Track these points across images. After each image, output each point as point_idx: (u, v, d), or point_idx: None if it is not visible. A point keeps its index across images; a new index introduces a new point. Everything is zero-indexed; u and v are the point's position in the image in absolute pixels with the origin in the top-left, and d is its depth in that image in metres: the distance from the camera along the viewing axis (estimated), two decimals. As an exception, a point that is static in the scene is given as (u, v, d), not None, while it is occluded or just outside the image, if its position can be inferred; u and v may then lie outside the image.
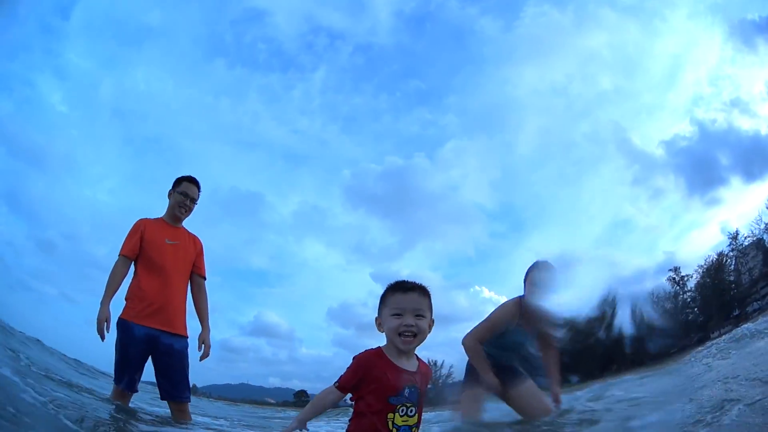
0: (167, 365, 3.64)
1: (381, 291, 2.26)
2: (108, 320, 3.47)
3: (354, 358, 2.18)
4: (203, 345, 3.80)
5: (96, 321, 3.43)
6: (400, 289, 2.18)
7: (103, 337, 3.44)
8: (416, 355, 2.23)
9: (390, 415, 2.06)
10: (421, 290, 2.18)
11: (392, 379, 2.08)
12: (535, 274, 3.86)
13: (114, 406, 3.45)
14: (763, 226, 42.73)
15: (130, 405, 3.67)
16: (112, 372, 3.63)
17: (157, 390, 3.79)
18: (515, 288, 3.99)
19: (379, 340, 2.21)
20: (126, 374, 3.53)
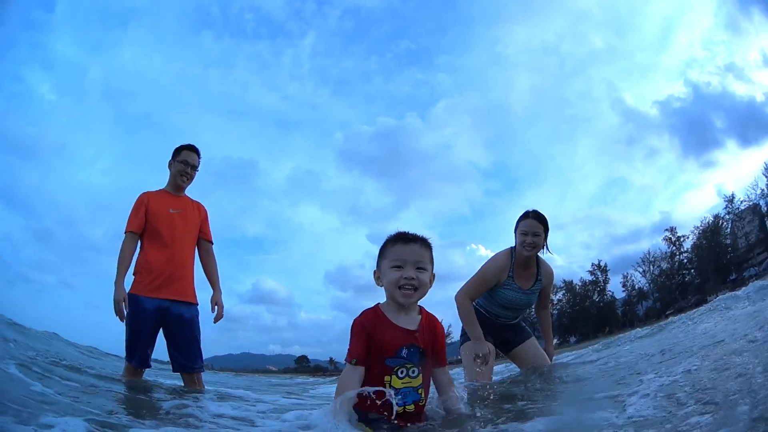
0: (178, 335, 3.67)
1: (377, 252, 2.15)
2: (125, 299, 3.49)
3: (353, 322, 2.08)
4: (216, 306, 3.85)
5: (113, 302, 3.45)
6: (400, 239, 2.07)
7: (122, 318, 3.48)
8: (421, 307, 2.14)
9: (387, 378, 1.97)
10: (423, 242, 2.08)
11: (388, 340, 1.99)
12: (525, 222, 3.78)
13: (127, 384, 3.46)
14: (759, 191, 43.14)
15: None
16: (118, 352, 3.67)
17: (168, 366, 3.82)
18: (508, 245, 3.93)
19: (376, 300, 2.13)
20: (138, 350, 3.55)
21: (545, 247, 3.83)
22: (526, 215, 3.80)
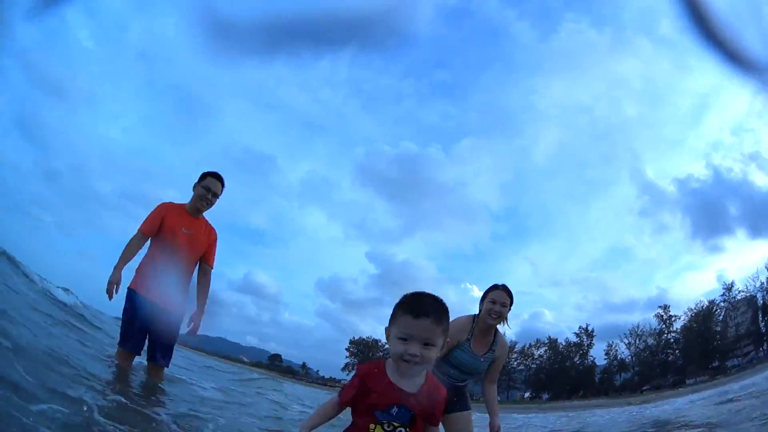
0: (160, 337, 4.12)
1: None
2: (118, 284, 3.90)
3: (356, 367, 2.07)
4: (192, 323, 4.21)
5: (107, 281, 3.87)
6: (411, 311, 1.91)
7: (111, 297, 3.90)
8: (428, 373, 2.04)
9: (371, 426, 1.92)
10: (437, 316, 1.92)
11: (380, 394, 1.93)
12: (495, 293, 3.93)
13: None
14: (759, 284, 43.12)
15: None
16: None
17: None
18: None
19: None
20: (130, 339, 4.01)
21: (506, 320, 3.95)
22: (496, 287, 3.97)
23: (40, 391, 2.39)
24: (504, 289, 3.98)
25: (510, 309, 3.98)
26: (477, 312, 4.06)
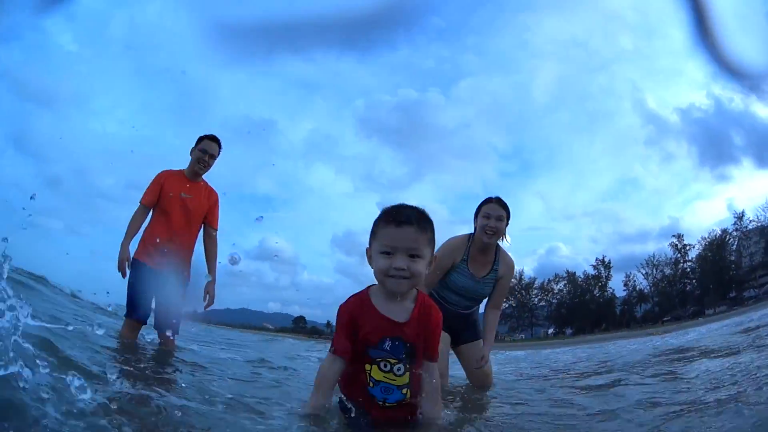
0: (166, 305, 4.08)
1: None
2: (128, 259, 3.95)
3: (339, 309, 1.90)
4: (208, 295, 4.20)
5: (117, 261, 3.93)
6: (393, 220, 1.78)
7: (124, 275, 3.94)
8: (419, 292, 1.91)
9: (368, 367, 1.82)
10: (420, 223, 1.78)
11: (370, 330, 1.81)
12: (488, 206, 3.63)
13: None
14: (769, 214, 43.04)
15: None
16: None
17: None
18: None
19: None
20: (136, 308, 3.97)
21: (504, 235, 3.66)
22: (489, 200, 3.66)
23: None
24: (498, 201, 3.65)
25: (507, 223, 3.64)
26: (472, 231, 3.72)
